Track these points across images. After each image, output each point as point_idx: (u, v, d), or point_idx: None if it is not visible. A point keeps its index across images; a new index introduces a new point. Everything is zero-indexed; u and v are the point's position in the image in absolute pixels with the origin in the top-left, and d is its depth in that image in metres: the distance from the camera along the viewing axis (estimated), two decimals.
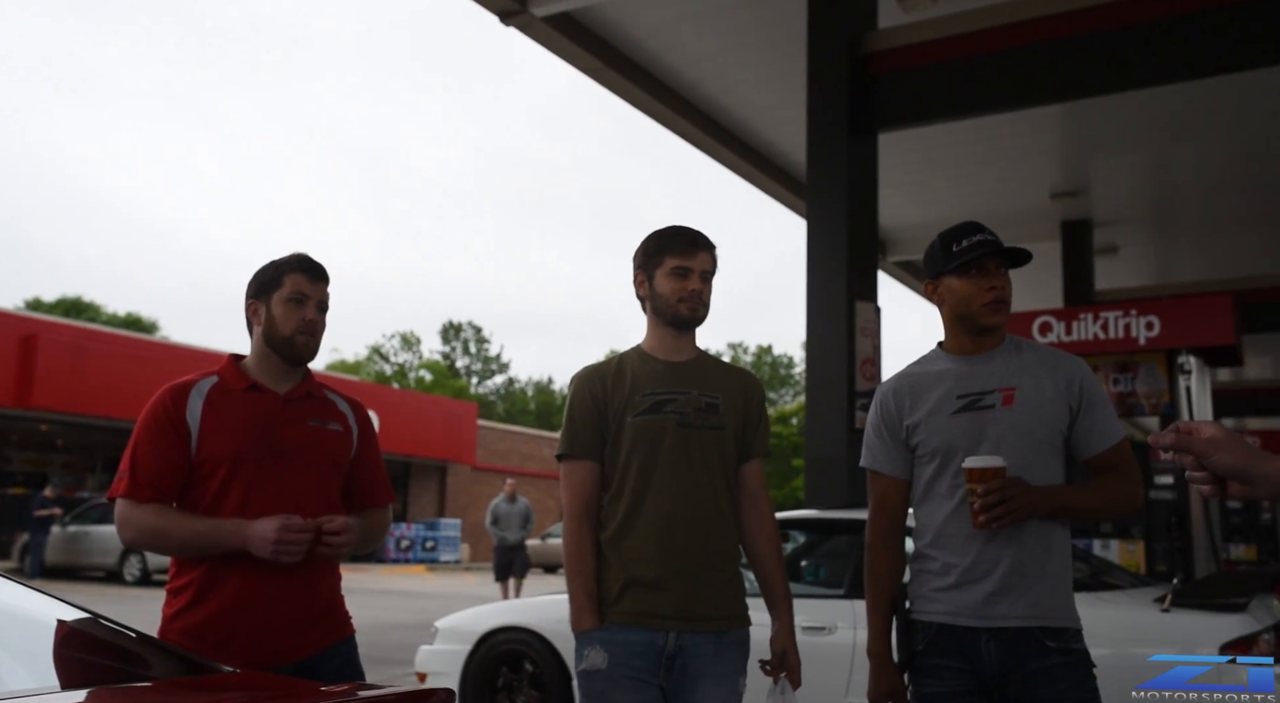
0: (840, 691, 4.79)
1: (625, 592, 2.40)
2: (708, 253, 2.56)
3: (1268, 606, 4.76)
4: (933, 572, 2.31)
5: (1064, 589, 2.27)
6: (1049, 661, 2.18)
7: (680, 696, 2.39)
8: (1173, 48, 7.22)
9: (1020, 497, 2.17)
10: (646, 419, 2.46)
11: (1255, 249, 15.17)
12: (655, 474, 2.43)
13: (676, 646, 2.37)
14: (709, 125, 11.06)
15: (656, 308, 2.56)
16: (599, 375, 2.54)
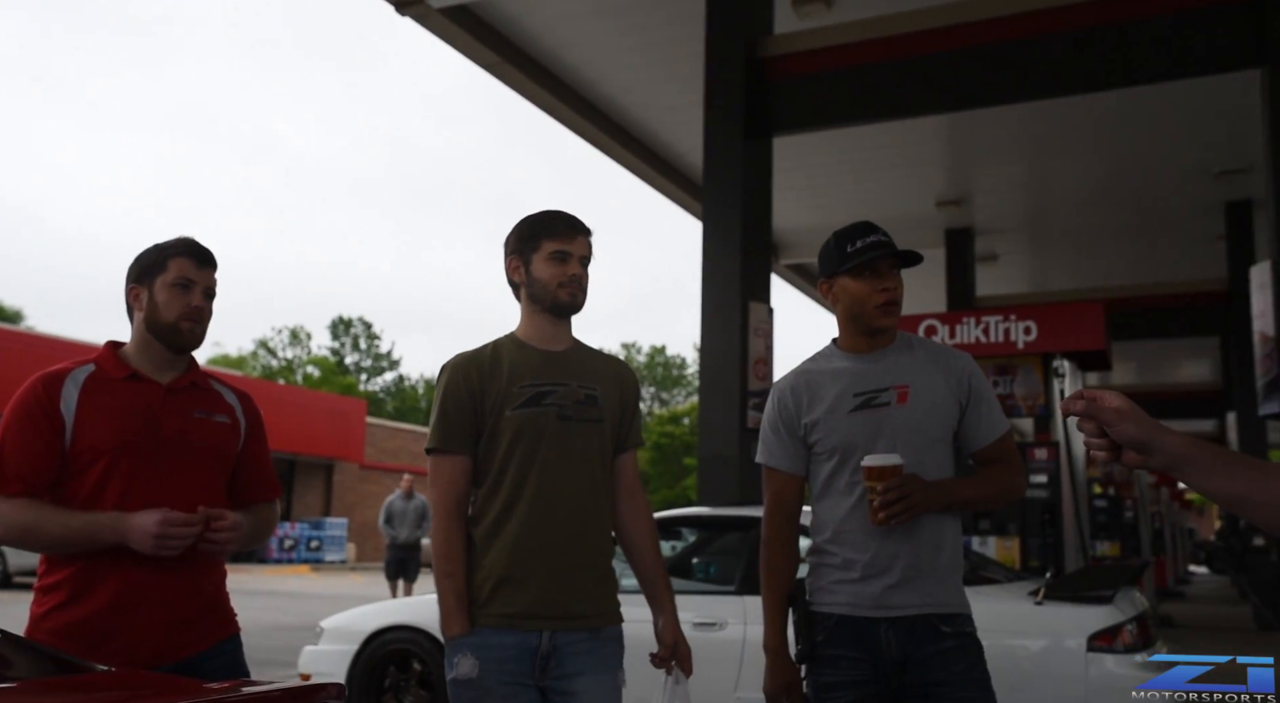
0: (730, 686, 4.85)
1: (498, 592, 2.31)
2: (586, 238, 2.48)
3: (1131, 598, 5.00)
4: (833, 566, 2.35)
5: (955, 578, 2.35)
6: (944, 644, 2.25)
7: (561, 694, 2.33)
8: (1051, 65, 7.55)
9: (917, 493, 2.22)
10: (527, 412, 2.37)
11: (1124, 260, 15.96)
12: (535, 469, 2.35)
13: (551, 645, 2.31)
14: (606, 124, 11.08)
15: (534, 294, 2.45)
16: (474, 365, 2.42)
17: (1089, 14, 7.38)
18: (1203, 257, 14.72)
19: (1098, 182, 12.67)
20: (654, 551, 2.56)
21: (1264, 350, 8.23)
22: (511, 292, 2.54)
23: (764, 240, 8.37)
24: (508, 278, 2.52)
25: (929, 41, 7.83)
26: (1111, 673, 4.49)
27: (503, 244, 2.54)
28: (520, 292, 2.50)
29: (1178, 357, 21.88)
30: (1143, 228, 14.43)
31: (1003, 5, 7.65)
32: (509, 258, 2.50)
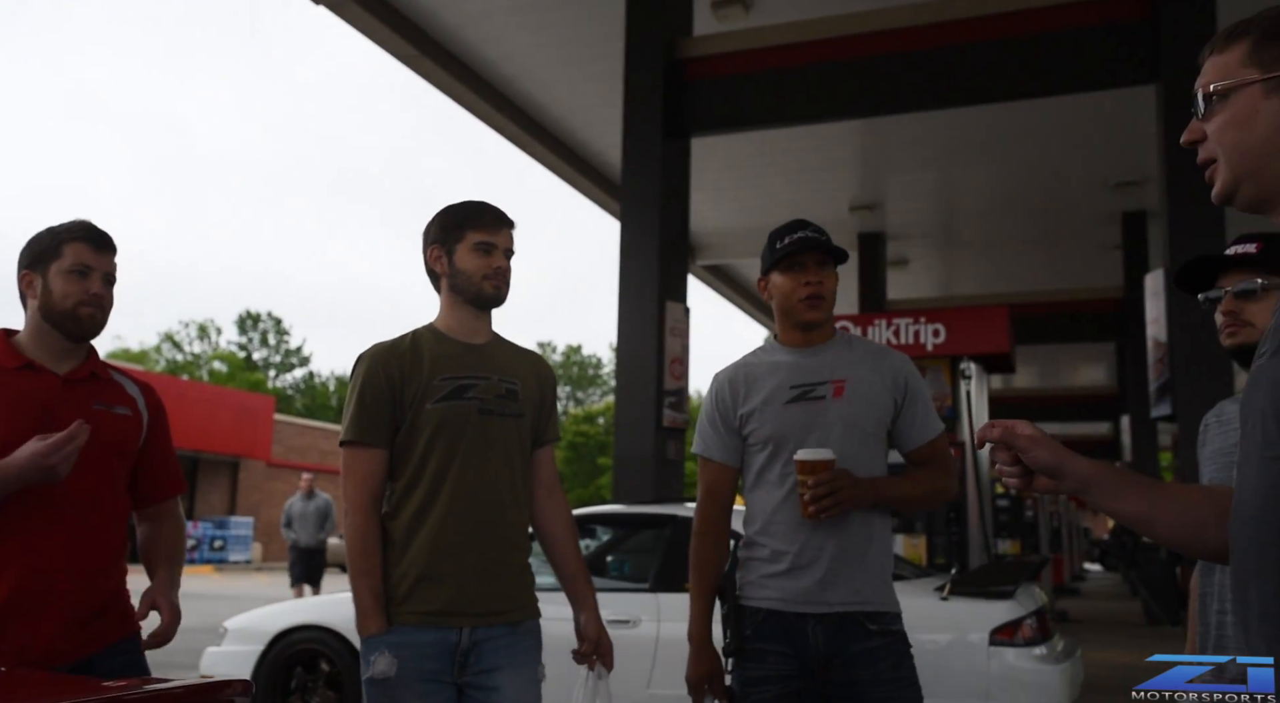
0: (643, 683, 4.87)
1: (416, 589, 2.27)
2: (510, 230, 2.45)
3: (1031, 593, 5.16)
4: (762, 559, 2.35)
5: (884, 575, 2.36)
6: (870, 643, 2.27)
7: (480, 690, 2.30)
8: (959, 75, 7.76)
9: (847, 488, 2.23)
10: (448, 406, 2.33)
11: (1027, 267, 16.46)
12: (455, 463, 2.31)
13: (470, 641, 2.28)
14: (524, 121, 11.02)
15: (456, 286, 2.41)
16: (393, 356, 2.36)
17: (995, 27, 7.61)
18: (1101, 265, 15.27)
19: (1003, 190, 13.04)
20: (574, 546, 2.55)
21: (1156, 355, 8.58)
22: (430, 282, 2.49)
23: (681, 240, 8.42)
24: (427, 267, 2.47)
25: (844, 48, 7.98)
26: (1011, 666, 4.63)
27: (422, 233, 2.48)
28: (441, 282, 2.45)
29: (1076, 361, 22.67)
30: (1045, 236, 14.90)
31: (913, 15, 7.83)
32: (430, 247, 2.45)
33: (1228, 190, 1.24)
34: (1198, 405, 2.38)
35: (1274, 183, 1.20)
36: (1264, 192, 1.22)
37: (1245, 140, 1.20)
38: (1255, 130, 1.20)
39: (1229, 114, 1.22)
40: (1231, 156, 1.22)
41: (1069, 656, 4.98)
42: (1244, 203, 1.24)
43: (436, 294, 2.48)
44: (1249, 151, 1.20)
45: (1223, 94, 1.23)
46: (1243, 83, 1.21)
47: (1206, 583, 2.05)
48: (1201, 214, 6.89)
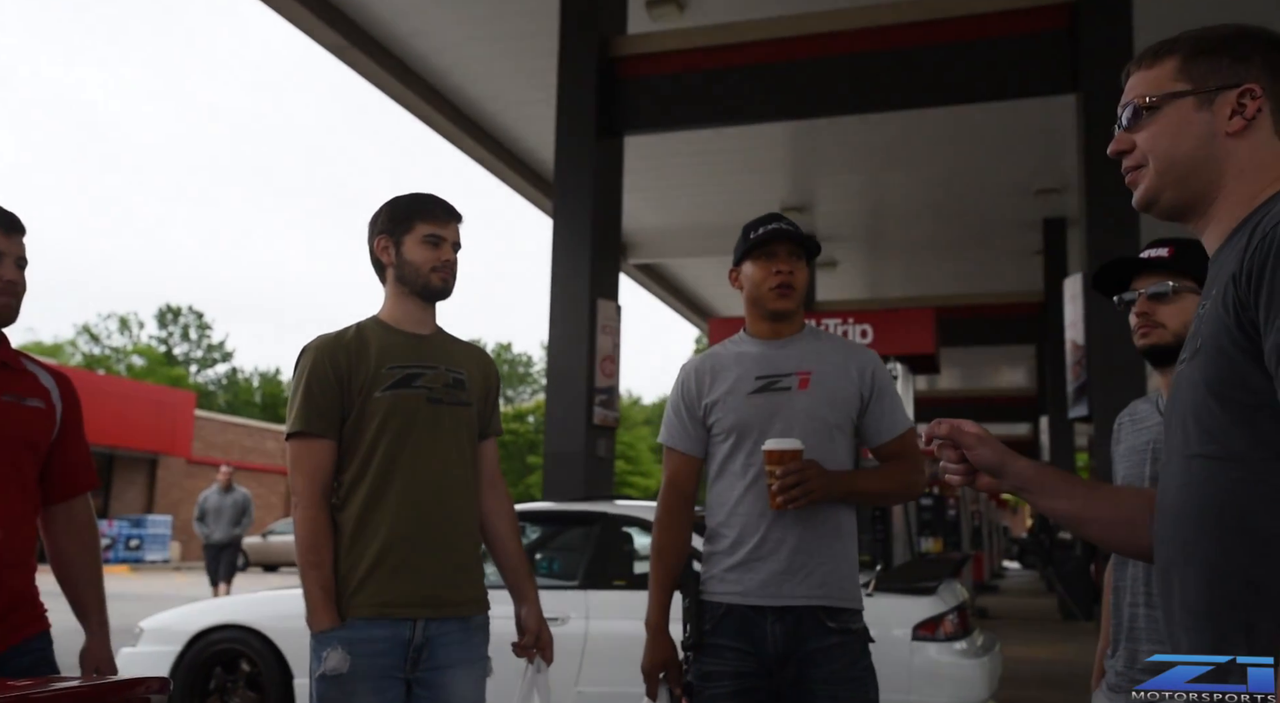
0: (571, 680, 4.86)
1: (368, 580, 2.24)
2: (458, 224, 2.45)
3: (953, 589, 5.27)
4: (723, 551, 2.35)
5: (848, 570, 2.33)
6: (827, 641, 2.26)
7: (428, 686, 2.28)
8: (886, 80, 7.89)
9: (815, 479, 2.22)
10: (397, 394, 2.31)
11: (952, 271, 16.81)
12: (405, 453, 2.30)
13: (424, 636, 2.26)
14: (456, 116, 10.92)
15: (403, 277, 2.40)
16: (339, 346, 2.33)
17: (922, 35, 7.75)
18: (1022, 270, 15.64)
19: (929, 195, 13.29)
20: (516, 539, 2.55)
21: (1074, 358, 8.83)
22: (375, 272, 2.48)
23: (614, 238, 8.43)
24: (372, 257, 2.46)
25: (775, 50, 8.06)
26: (933, 660, 4.72)
27: (369, 222, 2.47)
28: (387, 273, 2.44)
29: (998, 363, 23.20)
30: (969, 241, 15.22)
31: (843, 21, 7.95)
32: (378, 237, 2.43)
33: (1150, 197, 1.29)
34: (1113, 406, 2.46)
35: (1196, 192, 1.25)
36: (1185, 200, 1.27)
37: (1175, 150, 1.25)
38: (1186, 141, 1.25)
39: (1161, 125, 1.27)
40: (1160, 165, 1.27)
41: (988, 650, 5.09)
42: (1164, 210, 1.29)
43: (381, 285, 2.47)
44: (1177, 161, 1.25)
45: (1155, 106, 1.27)
46: (1176, 94, 1.25)
47: (1120, 577, 2.12)
48: (1119, 221, 7.10)
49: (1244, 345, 1.09)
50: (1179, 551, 1.17)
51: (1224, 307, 1.13)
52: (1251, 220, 1.17)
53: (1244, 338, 1.09)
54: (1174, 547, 1.18)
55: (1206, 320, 1.16)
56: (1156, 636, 2.00)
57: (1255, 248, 1.09)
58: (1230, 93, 1.23)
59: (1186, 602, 1.15)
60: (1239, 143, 1.23)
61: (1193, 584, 1.14)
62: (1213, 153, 1.24)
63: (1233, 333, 1.10)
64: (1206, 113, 1.24)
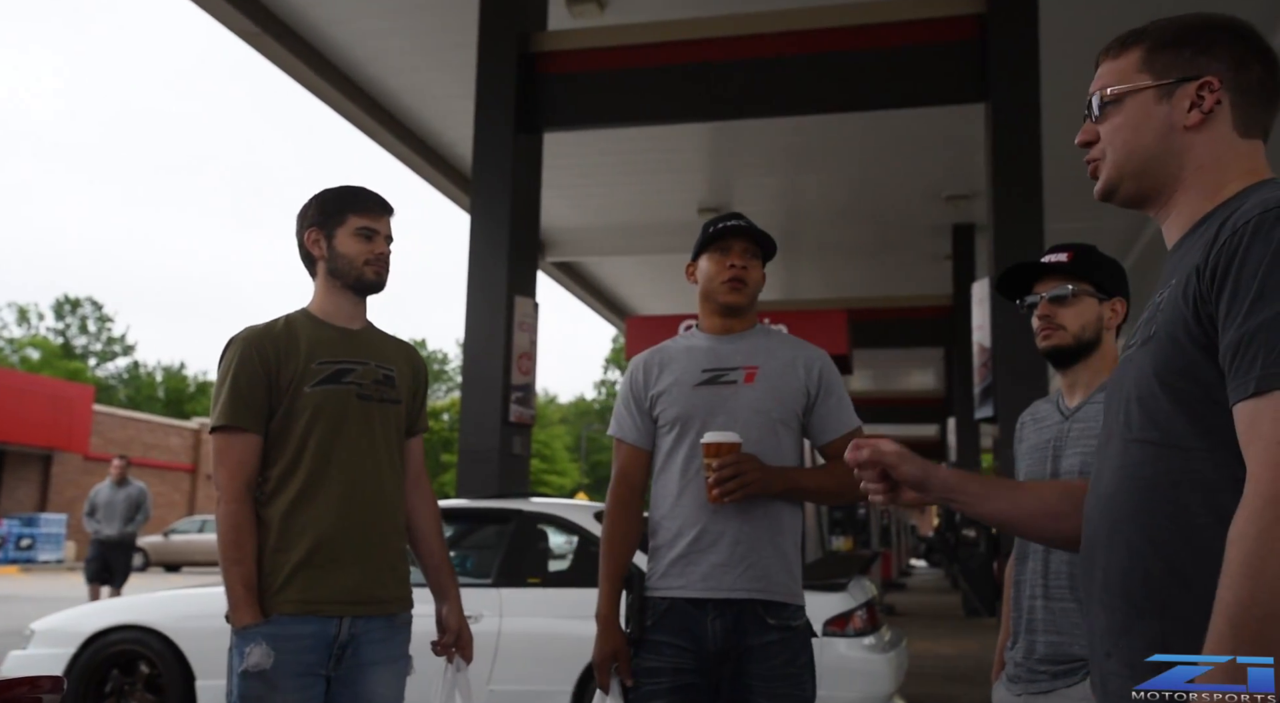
0: (483, 679, 4.83)
1: (294, 578, 2.22)
2: (390, 217, 2.44)
3: (862, 586, 5.37)
4: (664, 544, 2.36)
5: (789, 565, 2.34)
6: (766, 637, 2.27)
7: (349, 684, 2.26)
8: (802, 83, 8.00)
9: (753, 473, 2.23)
10: (327, 389, 2.30)
11: (864, 274, 17.12)
12: (335, 449, 2.28)
13: (349, 633, 2.25)
14: (372, 107, 10.73)
15: (335, 270, 2.38)
16: (267, 338, 2.31)
17: (838, 40, 7.87)
18: (932, 274, 16.01)
19: (843, 199, 13.51)
20: (440, 537, 2.54)
21: (981, 360, 9.07)
22: (305, 265, 2.45)
23: (532, 235, 8.38)
24: (302, 250, 2.43)
25: (695, 51, 8.10)
26: (843, 655, 4.81)
27: (298, 214, 2.44)
28: (317, 266, 2.41)
29: (908, 366, 23.69)
30: (881, 245, 15.51)
31: (762, 24, 8.03)
32: (308, 229, 2.40)
33: (1109, 187, 1.31)
34: (1017, 407, 2.53)
35: (1155, 183, 1.27)
36: (1144, 191, 1.29)
37: (1135, 143, 1.27)
38: (1145, 135, 1.26)
39: (1123, 117, 1.28)
40: (1119, 156, 1.28)
41: (895, 646, 5.21)
42: (1123, 200, 1.31)
43: (311, 278, 2.44)
44: (1136, 153, 1.27)
45: (1117, 99, 1.28)
46: (1136, 88, 1.27)
47: (1020, 572, 2.19)
48: (1024, 228, 7.30)
49: (1199, 339, 1.12)
50: (1105, 530, 1.20)
51: (1184, 299, 1.14)
52: (1219, 215, 1.19)
53: (1200, 331, 1.11)
54: (1101, 526, 1.21)
55: (1164, 309, 1.17)
56: (1054, 627, 2.07)
57: (1223, 244, 1.11)
58: (1189, 85, 1.24)
59: (1108, 581, 1.18)
60: (1197, 136, 1.24)
61: (1115, 564, 1.17)
62: (1171, 146, 1.25)
63: (1189, 325, 1.12)
64: (1166, 106, 1.25)
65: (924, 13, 7.82)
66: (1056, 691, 2.03)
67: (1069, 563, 2.06)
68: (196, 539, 24.18)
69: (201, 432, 32.90)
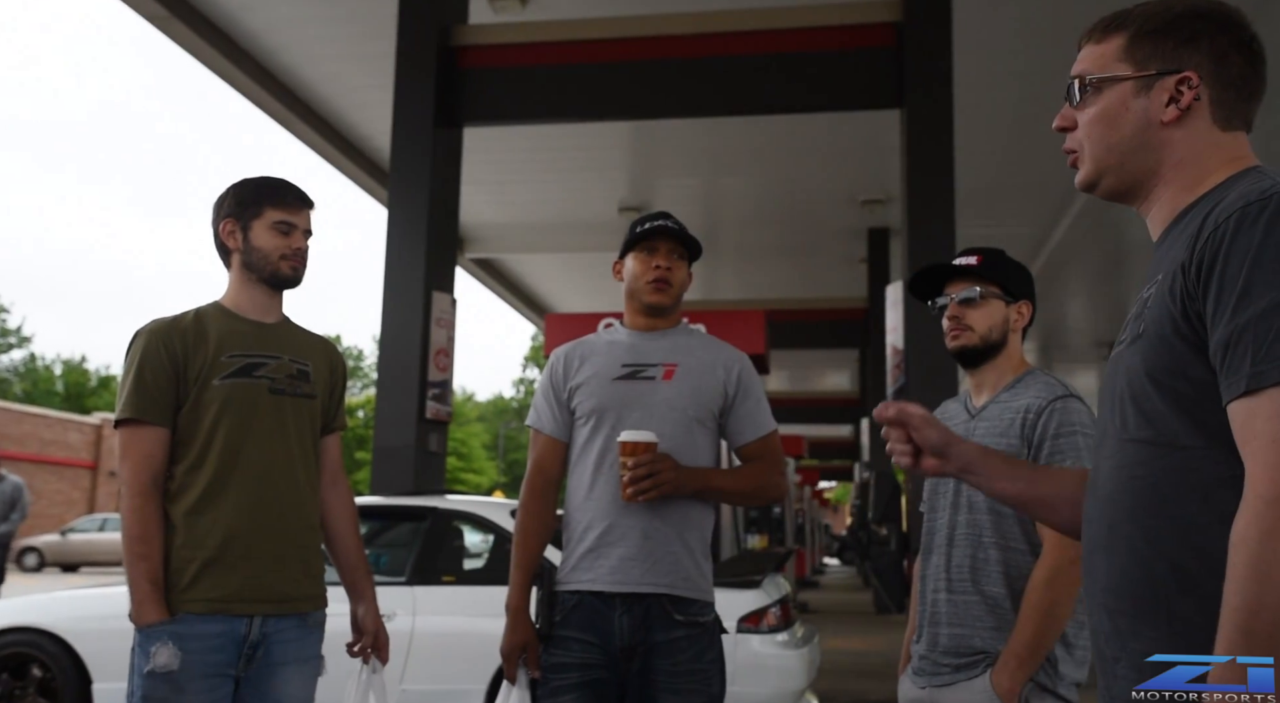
0: (396, 678, 4.77)
1: (202, 575, 2.17)
2: (309, 211, 2.41)
3: (777, 583, 5.44)
4: (576, 537, 2.36)
5: (697, 562, 2.35)
6: (674, 634, 2.28)
7: (258, 685, 2.22)
8: (721, 85, 8.07)
9: (667, 473, 2.25)
10: (236, 383, 2.26)
11: (782, 276, 17.32)
12: (246, 444, 2.24)
13: (260, 633, 2.21)
14: (287, 96, 10.49)
15: (251, 263, 2.35)
16: (176, 330, 2.27)
17: (757, 43, 7.96)
18: (848, 277, 16.27)
19: (762, 201, 13.65)
20: (356, 536, 2.51)
21: (894, 361, 9.26)
22: (219, 256, 2.40)
23: (451, 231, 8.30)
24: (216, 241, 2.38)
25: (615, 50, 8.12)
26: (756, 652, 4.86)
27: (214, 205, 2.39)
28: (232, 258, 2.37)
29: (824, 367, 24.05)
30: (798, 247, 15.72)
31: (683, 24, 8.08)
32: (224, 220, 2.36)
33: (1090, 181, 1.28)
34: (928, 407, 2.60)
35: (1134, 177, 1.25)
36: (1124, 185, 1.26)
37: (1111, 136, 1.24)
38: (1122, 128, 1.23)
39: (1099, 108, 1.25)
40: (1096, 150, 1.26)
41: (807, 642, 5.28)
42: (1105, 193, 1.29)
43: (225, 270, 2.40)
44: (1114, 147, 1.24)
45: (1096, 86, 1.25)
46: (1115, 78, 1.24)
47: (925, 566, 2.24)
48: (936, 232, 7.48)
49: (1188, 336, 1.10)
50: (1104, 532, 1.18)
51: (1171, 296, 1.12)
52: (1200, 208, 1.17)
53: (1188, 328, 1.10)
54: (1100, 528, 1.19)
55: (1152, 307, 1.15)
56: (957, 620, 2.13)
57: (1206, 240, 1.09)
58: (1168, 79, 1.21)
59: (1110, 583, 1.16)
60: (1174, 132, 1.21)
61: (1117, 567, 1.15)
62: (1149, 141, 1.23)
63: (1177, 323, 1.11)
64: (1144, 99, 1.22)
65: (842, 19, 7.95)
66: (958, 683, 2.09)
67: (971, 558, 2.12)
68: (97, 538, 23.39)
69: (104, 427, 31.83)
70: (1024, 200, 12.88)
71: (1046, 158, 11.35)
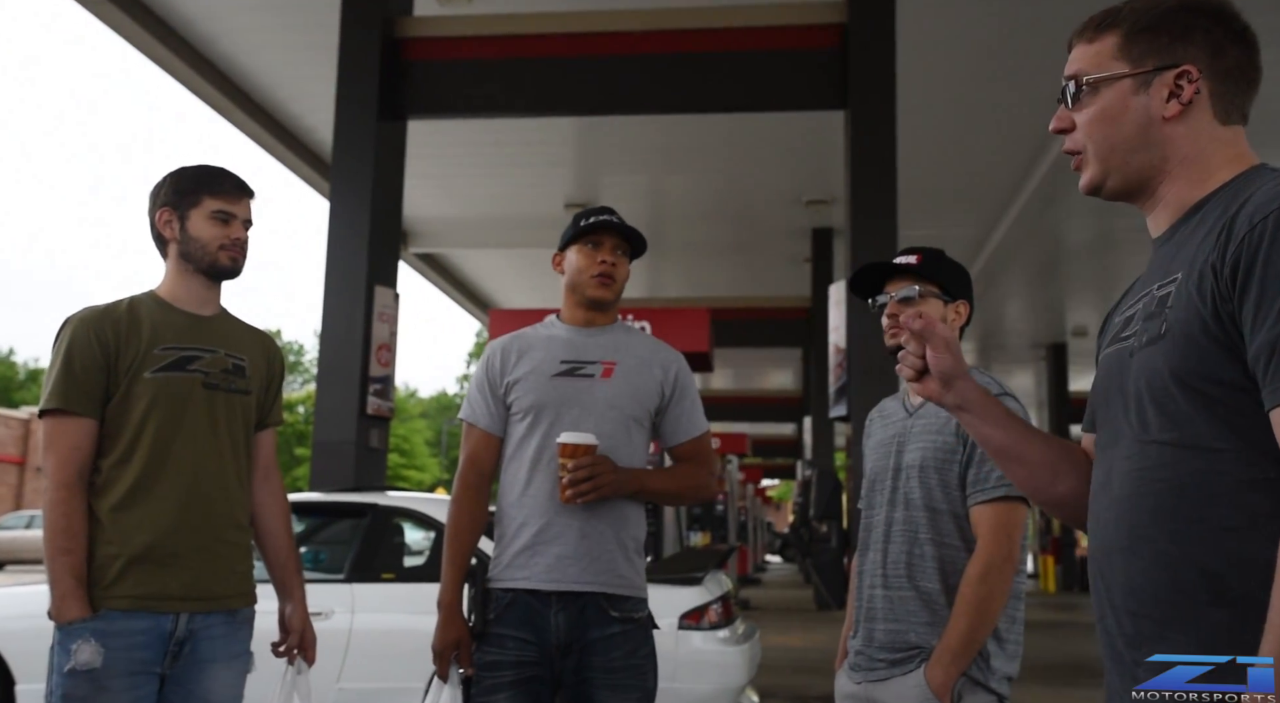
0: (333, 677, 4.71)
1: (128, 572, 2.12)
2: (249, 200, 2.36)
3: (718, 580, 5.46)
4: (510, 534, 2.34)
5: (631, 559, 2.37)
6: (609, 630, 2.29)
7: (184, 682, 2.17)
8: (667, 82, 8.09)
9: (606, 475, 2.25)
10: (168, 376, 2.21)
11: (727, 274, 17.40)
12: (176, 439, 2.20)
13: (187, 630, 2.17)
14: (226, 86, 10.28)
15: (188, 253, 2.30)
16: (108, 320, 2.21)
17: (704, 41, 7.99)
18: (792, 276, 16.39)
19: (708, 200, 13.70)
20: (288, 534, 2.47)
21: (836, 360, 9.36)
22: (156, 246, 2.35)
23: (394, 225, 8.21)
24: (153, 230, 2.33)
25: (561, 45, 8.09)
26: (697, 648, 4.87)
27: (150, 193, 2.34)
28: (168, 248, 2.32)
29: (768, 366, 24.21)
30: (744, 246, 15.80)
31: (629, 21, 8.08)
32: (160, 209, 2.30)
33: (1095, 182, 1.27)
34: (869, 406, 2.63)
35: (1139, 175, 1.23)
36: (1130, 184, 1.25)
37: (1114, 136, 1.22)
38: (1124, 127, 1.22)
39: (1098, 108, 1.23)
40: (1100, 151, 1.24)
41: (748, 638, 5.31)
42: (1111, 193, 1.27)
43: (162, 259, 2.35)
44: (1117, 147, 1.23)
45: (1093, 86, 1.24)
46: (1114, 76, 1.22)
47: (862, 562, 2.26)
48: (879, 233, 7.56)
49: (1219, 337, 1.07)
50: (1125, 535, 1.15)
51: (1199, 296, 1.09)
52: (1216, 204, 1.16)
53: (1219, 330, 1.07)
54: (1119, 530, 1.16)
55: (1175, 307, 1.12)
56: (892, 616, 2.15)
57: (1242, 241, 1.06)
58: (1167, 74, 1.20)
59: (1131, 586, 1.14)
60: (1177, 127, 1.20)
61: (1140, 570, 1.13)
62: (1151, 138, 1.21)
63: (1207, 324, 1.08)
64: (1144, 96, 1.21)
65: (788, 20, 8.01)
66: (894, 678, 2.11)
67: (907, 554, 2.14)
68: (23, 536, 22.77)
69: (32, 422, 31.03)
70: (965, 203, 13.08)
71: (988, 160, 11.55)
